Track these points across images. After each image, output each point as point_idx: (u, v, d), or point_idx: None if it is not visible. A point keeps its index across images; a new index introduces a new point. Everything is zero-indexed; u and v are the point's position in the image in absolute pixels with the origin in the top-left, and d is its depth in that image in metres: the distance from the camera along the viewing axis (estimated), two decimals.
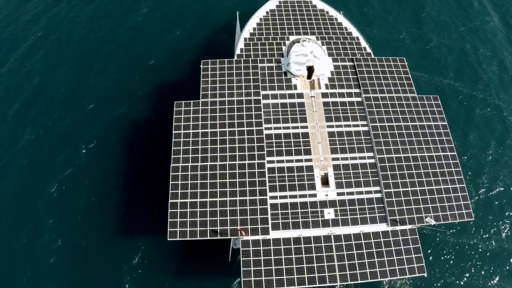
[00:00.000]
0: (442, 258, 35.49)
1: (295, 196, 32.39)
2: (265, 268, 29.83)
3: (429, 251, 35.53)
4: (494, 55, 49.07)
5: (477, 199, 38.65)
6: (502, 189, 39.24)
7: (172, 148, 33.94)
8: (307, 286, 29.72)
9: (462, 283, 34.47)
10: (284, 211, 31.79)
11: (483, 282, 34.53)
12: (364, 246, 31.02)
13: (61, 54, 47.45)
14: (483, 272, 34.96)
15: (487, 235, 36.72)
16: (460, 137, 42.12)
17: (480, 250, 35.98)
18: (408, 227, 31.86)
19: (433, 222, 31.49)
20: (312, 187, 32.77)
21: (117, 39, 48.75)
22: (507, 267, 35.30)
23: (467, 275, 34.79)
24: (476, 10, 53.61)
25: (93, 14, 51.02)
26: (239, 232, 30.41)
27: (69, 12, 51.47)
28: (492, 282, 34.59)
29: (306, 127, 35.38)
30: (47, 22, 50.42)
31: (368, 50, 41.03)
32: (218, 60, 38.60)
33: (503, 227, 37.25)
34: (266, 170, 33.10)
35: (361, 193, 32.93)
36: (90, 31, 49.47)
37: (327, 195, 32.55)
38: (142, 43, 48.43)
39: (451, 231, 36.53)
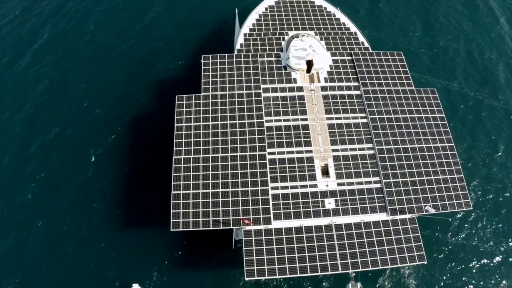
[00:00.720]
0: (443, 259, 35.46)
1: (296, 187, 32.82)
2: (267, 257, 30.18)
3: (431, 254, 35.33)
4: (501, 57, 49.21)
5: (482, 202, 38.46)
6: (507, 194, 39.12)
7: (174, 140, 34.36)
8: (309, 274, 30.14)
9: (464, 285, 34.50)
10: (286, 201, 32.19)
11: (483, 284, 34.57)
12: (364, 235, 31.41)
13: (67, 59, 47.34)
14: (486, 274, 34.94)
15: (489, 238, 36.67)
16: (466, 140, 42.10)
17: (482, 252, 35.93)
18: (407, 216, 32.31)
19: (432, 211, 31.96)
20: (313, 177, 33.22)
21: (120, 41, 48.89)
22: (509, 270, 35.38)
23: (468, 277, 34.80)
24: (483, 13, 53.78)
25: (97, 19, 51.19)
26: (242, 221, 30.78)
27: (72, 18, 51.41)
28: (493, 285, 34.64)
29: (306, 119, 35.89)
30: (52, 27, 50.27)
31: (366, 44, 41.68)
32: (218, 55, 39.16)
33: (506, 229, 37.19)
34: (267, 161, 33.54)
35: (361, 183, 33.40)
36: (95, 35, 49.58)
37: (327, 185, 33.00)
38: (144, 45, 48.59)
39: (457, 237, 36.56)
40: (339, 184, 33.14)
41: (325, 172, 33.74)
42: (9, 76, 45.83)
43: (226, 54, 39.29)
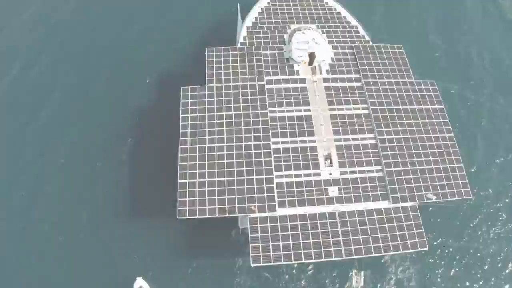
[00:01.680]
0: (444, 260, 35.83)
1: (300, 175, 33.44)
2: (272, 243, 30.71)
3: (435, 256, 35.78)
4: None
5: (484, 209, 38.54)
6: (508, 199, 39.33)
7: (180, 130, 34.88)
8: (313, 260, 30.75)
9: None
10: (290, 190, 32.79)
11: (484, 286, 35.04)
12: (367, 222, 31.99)
13: (76, 64, 47.57)
14: (489, 278, 35.16)
15: (490, 240, 36.91)
16: (478, 145, 42.13)
17: (483, 254, 36.20)
18: (409, 204, 32.97)
19: (433, 198, 32.66)
20: (316, 166, 33.86)
21: (126, 43, 49.07)
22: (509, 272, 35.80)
23: (469, 278, 35.15)
24: (496, 18, 53.79)
25: (106, 23, 51.36)
26: (248, 209, 31.33)
27: (79, 22, 51.57)
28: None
29: (309, 110, 36.55)
30: (61, 32, 50.31)
31: (367, 38, 42.44)
32: (222, 47, 39.77)
33: (506, 233, 37.51)
34: (271, 150, 34.15)
35: (363, 172, 34.06)
36: (104, 39, 49.74)
37: (330, 174, 33.64)
38: (148, 45, 48.77)
39: (458, 242, 36.79)
40: (342, 173, 33.79)
41: (328, 161, 34.35)
42: (21, 83, 45.69)
43: (230, 47, 39.88)
